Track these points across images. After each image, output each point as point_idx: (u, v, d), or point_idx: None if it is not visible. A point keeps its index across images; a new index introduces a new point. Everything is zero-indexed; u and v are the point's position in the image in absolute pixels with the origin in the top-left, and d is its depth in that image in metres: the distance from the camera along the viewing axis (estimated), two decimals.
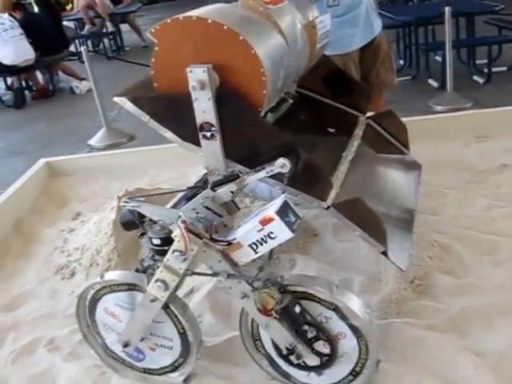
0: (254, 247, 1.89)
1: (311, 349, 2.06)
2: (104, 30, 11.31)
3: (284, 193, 1.94)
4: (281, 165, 1.86)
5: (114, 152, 5.24)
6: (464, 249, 2.89)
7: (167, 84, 2.06)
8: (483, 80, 6.61)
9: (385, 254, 2.13)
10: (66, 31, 9.86)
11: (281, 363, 2.18)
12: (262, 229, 1.83)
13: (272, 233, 1.84)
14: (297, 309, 2.00)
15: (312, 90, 2.93)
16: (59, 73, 9.10)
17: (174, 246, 1.96)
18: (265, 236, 1.84)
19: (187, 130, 2.04)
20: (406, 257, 2.25)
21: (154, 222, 2.09)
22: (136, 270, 2.18)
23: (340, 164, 2.46)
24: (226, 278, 2.00)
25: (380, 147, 2.93)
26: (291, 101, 2.66)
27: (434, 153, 3.94)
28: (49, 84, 8.74)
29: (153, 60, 2.05)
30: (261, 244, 1.87)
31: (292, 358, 2.11)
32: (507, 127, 4.21)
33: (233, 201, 2.06)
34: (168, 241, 2.02)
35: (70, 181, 4.50)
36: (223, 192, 1.98)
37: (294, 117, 2.70)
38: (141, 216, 2.11)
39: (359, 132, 2.84)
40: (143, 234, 2.16)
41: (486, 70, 6.65)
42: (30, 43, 8.18)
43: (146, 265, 2.14)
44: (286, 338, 2.04)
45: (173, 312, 2.15)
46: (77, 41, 10.85)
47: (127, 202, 2.09)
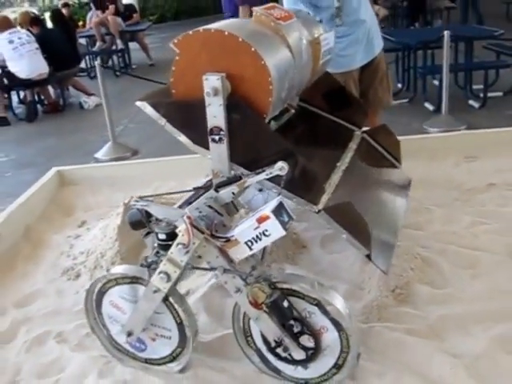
0: (250, 244, 2.05)
1: (297, 343, 2.19)
2: (113, 48, 11.55)
3: (280, 195, 2.09)
4: (279, 168, 2.04)
5: (120, 163, 5.47)
6: (445, 262, 3.05)
7: (184, 91, 2.24)
8: (478, 104, 6.77)
9: (368, 257, 2.31)
10: (79, 48, 10.11)
11: (270, 358, 2.32)
12: (258, 227, 1.99)
13: (267, 230, 1.99)
14: (285, 303, 2.14)
15: (313, 104, 3.10)
16: (69, 88, 9.33)
17: (178, 240, 2.14)
18: (260, 233, 2.01)
19: (198, 134, 2.22)
20: (388, 261, 2.43)
21: (160, 222, 2.27)
22: (140, 266, 2.35)
23: (333, 173, 2.63)
24: (222, 273, 2.15)
25: (373, 160, 3.09)
26: (293, 111, 2.85)
27: (426, 171, 4.11)
28: (60, 98, 8.96)
29: (173, 68, 2.25)
30: (256, 241, 2.03)
31: (279, 351, 2.25)
32: (496, 148, 4.39)
33: (233, 202, 2.24)
34: (172, 236, 2.19)
35: (78, 190, 4.69)
36: (225, 193, 2.17)
37: (295, 127, 2.88)
38: (148, 216, 2.29)
39: (353, 145, 2.99)
40: (149, 234, 2.33)
41: (482, 95, 6.81)
42: (45, 58, 8.41)
43: (150, 261, 2.31)
44: (274, 331, 2.19)
45: (172, 304, 2.32)
46: (87, 57, 11.08)
47: (137, 201, 2.28)
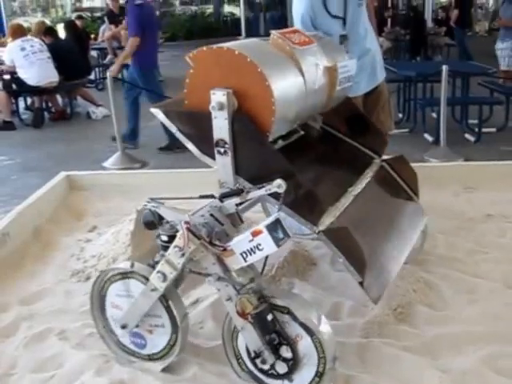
0: (244, 256, 2.12)
1: (277, 355, 2.25)
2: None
3: (279, 211, 2.15)
4: (277, 185, 2.12)
5: (132, 172, 5.59)
6: (446, 287, 3.17)
7: (196, 102, 2.35)
8: (474, 139, 6.96)
9: (361, 284, 2.36)
10: (90, 59, 10.25)
11: (261, 376, 2.37)
12: (252, 240, 2.07)
13: (260, 244, 2.07)
14: (269, 317, 2.20)
15: (335, 128, 3.14)
16: (78, 97, 9.46)
17: (175, 242, 2.26)
18: (254, 247, 2.08)
19: (206, 145, 2.35)
20: (381, 291, 2.47)
21: (167, 224, 2.39)
22: (148, 265, 2.46)
23: (343, 197, 2.65)
24: (216, 280, 2.23)
25: (390, 190, 3.10)
26: (302, 132, 2.89)
27: (427, 199, 4.18)
28: (67, 107, 9.09)
29: (187, 80, 2.38)
30: (250, 254, 2.11)
31: (258, 362, 2.31)
32: (493, 181, 4.55)
33: (238, 214, 2.34)
34: (173, 239, 2.29)
35: (87, 196, 4.77)
36: (229, 204, 2.27)
37: (313, 148, 2.93)
38: (160, 217, 2.40)
39: (370, 172, 3.00)
40: (158, 235, 2.44)
41: (477, 130, 7.00)
42: (56, 67, 8.55)
43: (155, 260, 2.41)
44: (256, 343, 2.25)
45: (170, 308, 2.42)
46: (96, 69, 11.21)
47: (149, 202, 2.41)
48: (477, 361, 2.59)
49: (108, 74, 6.59)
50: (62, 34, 10.32)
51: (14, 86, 8.61)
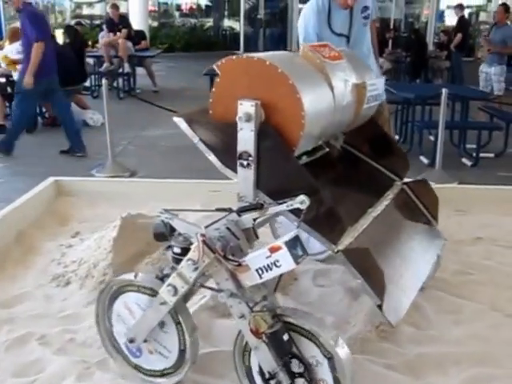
0: (260, 272, 2.03)
1: (293, 377, 2.14)
2: (120, 70, 11.70)
3: (298, 227, 2.08)
4: (300, 201, 2.04)
5: (118, 180, 5.57)
6: (431, 306, 3.15)
7: (221, 112, 2.30)
8: (471, 163, 6.93)
9: (379, 307, 2.27)
10: (86, 66, 10.25)
11: None
12: (270, 256, 1.99)
13: (278, 261, 1.98)
14: (285, 337, 2.11)
15: (357, 148, 3.07)
16: (72, 104, 9.41)
17: (189, 255, 2.17)
18: (271, 263, 2.00)
19: (228, 157, 2.28)
20: (399, 316, 2.39)
21: (179, 236, 2.30)
22: (156, 277, 2.37)
23: (362, 218, 2.58)
24: (229, 297, 2.14)
25: (409, 213, 3.03)
26: (327, 149, 2.83)
27: None
28: None
29: (213, 90, 2.32)
30: (266, 270, 2.02)
31: (272, 383, 2.19)
32: (485, 204, 4.57)
33: (254, 229, 2.23)
34: (186, 251, 2.21)
35: (74, 201, 4.76)
36: (246, 218, 2.18)
37: (334, 167, 2.89)
38: (172, 230, 2.32)
39: (391, 194, 2.94)
40: (170, 247, 2.35)
41: (475, 154, 6.97)
42: None
43: (164, 273, 2.34)
44: (270, 363, 2.14)
45: (182, 330, 2.34)
46: (92, 77, 11.21)
47: (162, 213, 2.32)
48: (460, 382, 2.58)
49: (103, 82, 6.55)
50: (60, 40, 10.32)
51: (9, 90, 8.54)
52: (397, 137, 8.00)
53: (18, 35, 8.48)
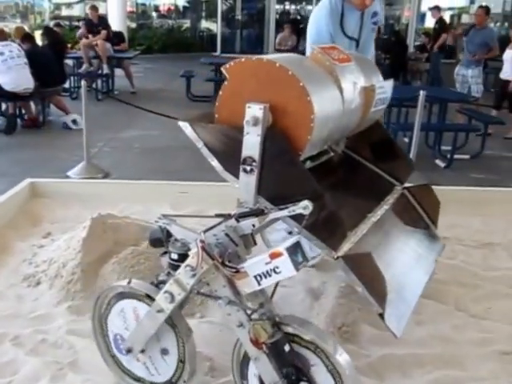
0: (259, 279, 1.99)
1: None
2: (99, 72, 11.67)
3: (300, 233, 2.03)
4: (304, 206, 1.98)
5: (91, 181, 5.62)
6: None
7: (227, 116, 2.23)
8: (444, 165, 7.01)
9: (381, 316, 2.19)
10: (65, 68, 10.21)
11: None
12: (270, 262, 1.94)
13: (277, 267, 1.94)
14: (286, 348, 2.06)
15: (358, 152, 3.00)
16: (51, 105, 9.37)
17: (187, 262, 2.13)
18: (270, 269, 1.95)
19: (231, 162, 2.19)
20: (403, 324, 2.32)
21: (176, 242, 2.27)
22: (151, 283, 2.35)
23: (362, 223, 2.52)
24: (226, 304, 2.09)
25: (408, 218, 2.96)
26: (332, 154, 2.76)
27: None
28: (40, 115, 8.97)
29: (220, 93, 2.25)
30: (265, 277, 1.98)
31: None
32: (453, 205, 4.47)
33: (252, 235, 2.19)
34: (184, 257, 2.17)
35: (48, 203, 4.80)
36: (245, 224, 2.14)
37: (334, 171, 2.84)
38: (168, 235, 2.29)
39: (391, 199, 2.88)
40: (166, 253, 2.33)
41: (449, 156, 7.04)
42: (32, 73, 8.44)
43: (160, 279, 2.31)
44: (272, 375, 2.10)
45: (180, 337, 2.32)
46: (71, 78, 11.17)
47: (160, 219, 2.29)
48: None
49: (82, 84, 6.55)
50: (39, 41, 10.29)
51: None
52: None
53: (1, 36, 8.54)
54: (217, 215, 2.24)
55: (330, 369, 2.07)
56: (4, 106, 8.83)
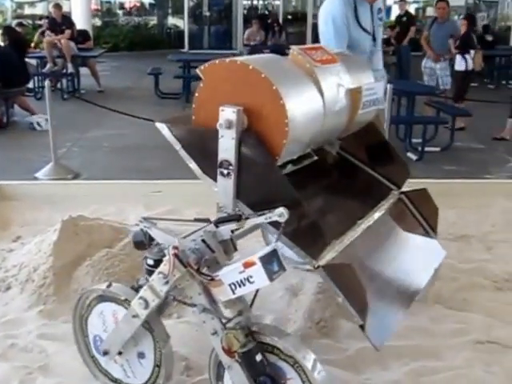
0: (233, 287, 1.95)
1: None
2: (64, 71, 11.49)
3: (277, 241, 1.99)
4: (279, 213, 1.95)
5: (61, 183, 5.52)
6: None
7: (204, 118, 2.19)
8: (416, 157, 7.04)
9: (362, 328, 2.16)
10: (29, 67, 10.04)
11: None
12: (244, 271, 1.90)
13: (251, 277, 1.90)
14: (258, 357, 2.04)
15: (353, 155, 2.93)
16: (14, 106, 9.21)
17: (160, 268, 2.10)
18: (244, 279, 1.91)
19: (209, 164, 2.17)
20: (384, 336, 2.28)
21: (156, 246, 2.23)
22: (131, 288, 2.32)
23: (351, 230, 2.46)
24: (201, 312, 2.08)
25: (406, 224, 2.89)
26: (316, 157, 2.62)
27: None
28: (4, 116, 8.80)
29: (196, 95, 2.22)
30: (239, 286, 1.94)
31: None
32: None
33: (232, 241, 2.17)
34: (160, 263, 2.13)
35: (16, 205, 4.68)
36: (224, 229, 2.10)
37: (327, 174, 2.77)
38: (151, 239, 2.25)
39: (386, 204, 2.81)
40: (145, 258, 2.29)
41: (420, 148, 7.08)
42: None
43: (139, 284, 2.28)
44: (244, 383, 2.09)
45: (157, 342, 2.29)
46: (35, 78, 10.97)
47: (141, 222, 2.24)
48: (401, 376, 2.61)
49: (45, 84, 6.43)
50: (1, 41, 10.10)
51: None
52: None
53: None
54: (196, 220, 2.22)
55: (304, 380, 2.06)
56: None
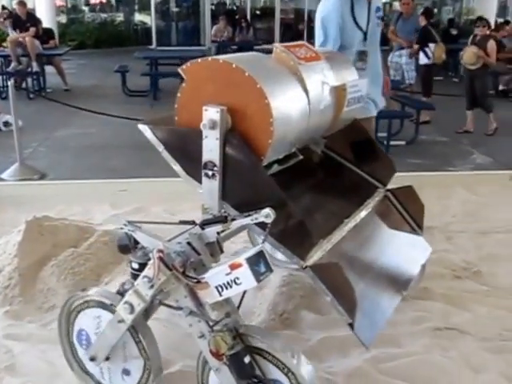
0: (220, 290, 1.93)
1: None
2: (29, 70, 11.36)
3: (264, 242, 1.98)
4: (265, 214, 1.93)
5: (26, 183, 5.47)
6: None
7: (187, 119, 2.16)
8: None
9: (351, 326, 2.15)
10: None
11: None
12: (230, 273, 1.88)
13: (238, 278, 1.88)
14: (246, 359, 2.02)
15: (338, 153, 2.91)
16: None
17: (145, 272, 2.08)
18: (231, 280, 1.89)
19: (193, 166, 2.13)
20: (373, 334, 2.28)
21: (141, 249, 2.21)
22: (117, 292, 2.28)
23: (338, 229, 2.45)
24: (187, 315, 2.05)
25: (392, 222, 2.89)
26: (301, 157, 2.58)
27: None
28: None
29: (178, 95, 2.18)
30: (226, 288, 1.91)
31: None
32: None
33: (218, 242, 2.13)
34: (145, 267, 2.11)
35: None
36: (210, 231, 2.08)
37: (312, 173, 2.75)
38: (136, 242, 2.22)
39: (372, 202, 2.80)
40: (130, 262, 2.27)
41: (385, 142, 7.15)
42: None
43: (125, 288, 2.24)
44: None
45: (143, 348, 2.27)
46: (0, 77, 10.85)
47: (125, 225, 2.20)
48: (362, 363, 2.69)
49: (9, 83, 6.36)
50: None
51: None
52: None
53: None
54: (181, 222, 2.18)
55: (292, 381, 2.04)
56: None
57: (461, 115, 8.45)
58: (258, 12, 22.18)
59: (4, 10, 13.65)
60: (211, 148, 2.05)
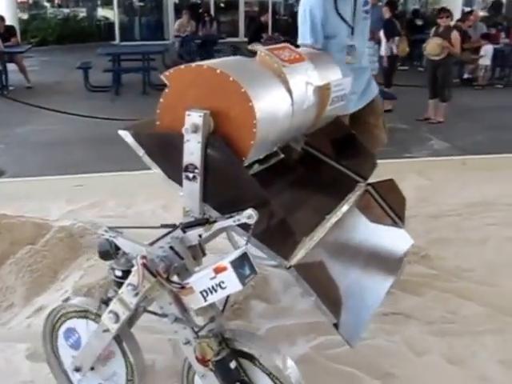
0: (205, 294, 1.90)
1: None
2: None
3: (247, 244, 1.95)
4: (248, 215, 1.91)
5: None
6: (280, 280, 3.33)
7: (168, 123, 2.15)
8: None
9: (335, 326, 2.14)
10: None
11: None
12: (215, 277, 1.85)
13: (223, 282, 1.85)
14: (232, 364, 2.01)
15: (319, 150, 2.91)
16: None
17: (129, 280, 2.04)
18: (216, 284, 1.86)
19: (173, 169, 2.12)
20: (358, 332, 2.28)
21: (123, 256, 2.16)
22: (101, 300, 2.23)
23: (320, 225, 2.45)
24: (173, 322, 2.03)
25: (373, 215, 2.89)
26: (282, 156, 2.61)
27: None
28: None
29: (161, 100, 2.17)
30: (211, 292, 1.89)
31: None
32: None
33: (200, 245, 2.13)
34: (128, 274, 2.06)
35: None
36: (192, 234, 2.06)
37: (292, 171, 2.74)
38: (117, 248, 2.17)
39: (353, 197, 2.80)
40: (112, 269, 2.21)
41: None
42: None
43: (109, 296, 2.19)
44: None
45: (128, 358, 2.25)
46: None
47: (106, 232, 2.16)
48: (308, 350, 2.79)
49: None
50: None
51: None
52: None
53: None
54: (163, 226, 2.15)
55: None
56: None
57: (423, 104, 8.68)
58: (222, 5, 22.06)
59: None
60: (192, 151, 2.05)
